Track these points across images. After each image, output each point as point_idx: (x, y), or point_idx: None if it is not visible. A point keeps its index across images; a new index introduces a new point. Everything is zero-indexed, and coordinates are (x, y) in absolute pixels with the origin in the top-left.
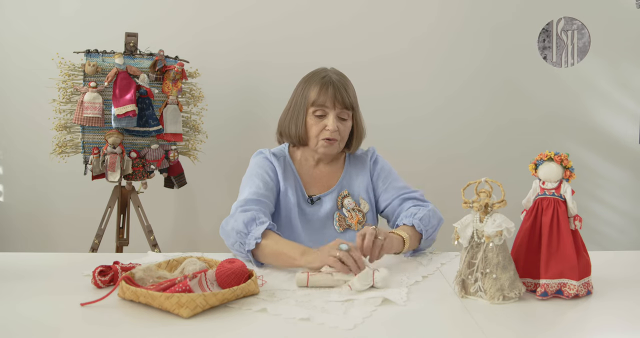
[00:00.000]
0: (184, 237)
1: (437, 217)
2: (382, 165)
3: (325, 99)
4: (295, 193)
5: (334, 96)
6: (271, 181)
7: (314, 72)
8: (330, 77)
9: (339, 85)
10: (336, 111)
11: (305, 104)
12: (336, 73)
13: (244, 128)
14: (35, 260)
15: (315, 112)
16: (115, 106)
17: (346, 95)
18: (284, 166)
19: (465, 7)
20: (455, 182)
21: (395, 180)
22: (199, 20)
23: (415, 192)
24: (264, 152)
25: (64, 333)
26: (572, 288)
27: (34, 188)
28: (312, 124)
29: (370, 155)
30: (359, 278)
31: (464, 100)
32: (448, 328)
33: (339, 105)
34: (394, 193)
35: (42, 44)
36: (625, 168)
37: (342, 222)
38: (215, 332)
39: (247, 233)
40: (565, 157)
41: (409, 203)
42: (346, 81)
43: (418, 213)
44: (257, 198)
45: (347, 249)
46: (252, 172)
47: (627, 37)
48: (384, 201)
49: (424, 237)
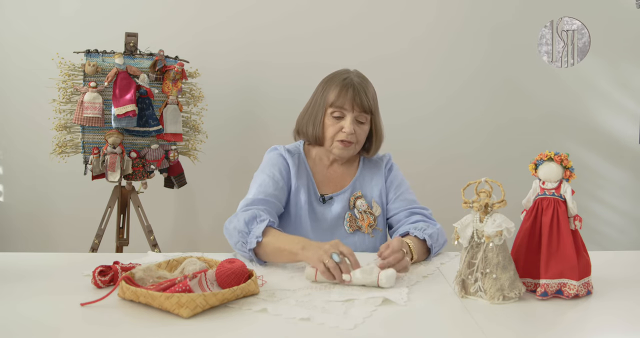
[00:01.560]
0: (184, 237)
1: (443, 238)
2: (395, 174)
3: (344, 101)
4: (307, 191)
5: (353, 99)
6: (282, 179)
7: (336, 72)
8: (352, 79)
9: (359, 88)
10: (354, 114)
11: (324, 104)
12: (358, 75)
13: (244, 128)
14: (35, 260)
15: (333, 113)
16: (115, 106)
17: (365, 99)
18: (298, 163)
19: (465, 7)
20: (456, 182)
21: (406, 192)
22: (199, 20)
23: (425, 209)
24: (278, 149)
25: (64, 333)
26: (572, 288)
27: (34, 188)
28: (329, 125)
29: (385, 161)
30: (362, 271)
31: (464, 100)
32: (448, 328)
33: (357, 108)
34: (403, 204)
35: (42, 44)
36: (625, 168)
37: (353, 223)
38: (215, 332)
39: (248, 232)
40: (565, 157)
41: (416, 218)
42: (367, 84)
43: (427, 229)
44: (264, 198)
45: (337, 261)
46: (264, 169)
47: (627, 37)
48: (392, 210)
49: (432, 253)
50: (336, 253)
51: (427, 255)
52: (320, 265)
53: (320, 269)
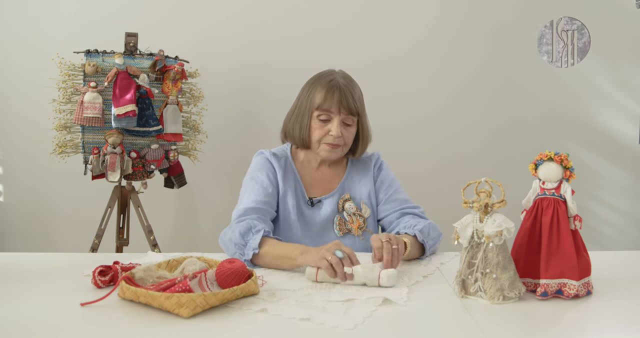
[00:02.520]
0: (184, 237)
1: (436, 231)
2: (386, 174)
3: (330, 103)
4: (295, 194)
5: (340, 101)
6: (271, 185)
7: (321, 74)
8: (338, 81)
9: (345, 90)
10: (341, 116)
11: (310, 107)
12: (343, 77)
13: (244, 128)
14: (35, 260)
15: (319, 116)
16: (115, 106)
17: (352, 101)
18: (285, 167)
19: (465, 7)
20: (456, 182)
21: (397, 192)
22: (199, 20)
23: (416, 208)
24: (264, 153)
25: (64, 333)
26: (572, 288)
27: (34, 188)
28: (316, 128)
29: (374, 160)
30: (364, 267)
31: (464, 100)
32: (448, 328)
33: (344, 111)
34: (395, 205)
35: (42, 44)
36: (625, 168)
37: (343, 226)
38: (215, 332)
39: (244, 244)
40: (565, 157)
41: (407, 218)
42: (353, 85)
43: (418, 225)
44: (255, 206)
45: (341, 257)
46: (252, 175)
47: (627, 37)
48: (383, 211)
49: (427, 248)
50: (339, 250)
51: (422, 251)
52: (323, 262)
53: (324, 265)
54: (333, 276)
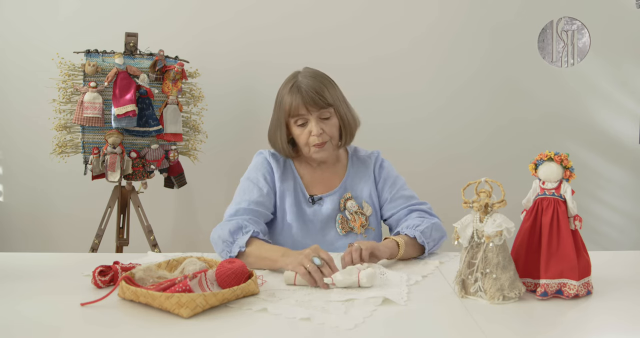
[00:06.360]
0: (184, 237)
1: (439, 231)
2: (388, 172)
3: (297, 107)
4: (295, 193)
5: (304, 102)
6: (267, 185)
7: (286, 80)
8: (298, 82)
9: (307, 89)
10: (315, 114)
11: (284, 116)
12: (306, 75)
13: (244, 128)
14: (35, 260)
15: (296, 122)
16: (115, 106)
17: (316, 96)
18: (284, 167)
19: (465, 7)
20: (456, 182)
21: (402, 189)
22: (199, 21)
23: (423, 204)
24: (263, 153)
25: (64, 333)
26: (572, 288)
27: (34, 188)
28: (299, 134)
29: (374, 159)
30: (342, 273)
31: (464, 100)
32: (448, 328)
33: (314, 108)
34: (401, 203)
35: (42, 44)
36: (625, 168)
37: (345, 224)
38: (215, 332)
39: (232, 242)
40: (565, 157)
41: (415, 215)
42: (316, 80)
43: (420, 225)
44: (248, 207)
45: (319, 265)
46: (249, 175)
47: (627, 37)
48: (389, 209)
49: (427, 249)
50: (317, 257)
51: (422, 251)
52: (301, 268)
53: (301, 272)
54: (313, 284)
